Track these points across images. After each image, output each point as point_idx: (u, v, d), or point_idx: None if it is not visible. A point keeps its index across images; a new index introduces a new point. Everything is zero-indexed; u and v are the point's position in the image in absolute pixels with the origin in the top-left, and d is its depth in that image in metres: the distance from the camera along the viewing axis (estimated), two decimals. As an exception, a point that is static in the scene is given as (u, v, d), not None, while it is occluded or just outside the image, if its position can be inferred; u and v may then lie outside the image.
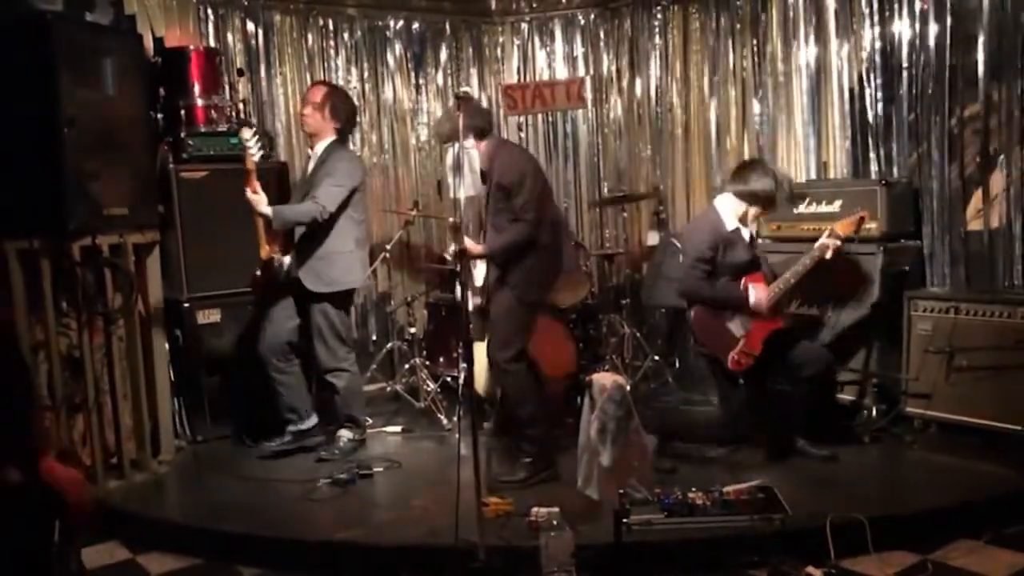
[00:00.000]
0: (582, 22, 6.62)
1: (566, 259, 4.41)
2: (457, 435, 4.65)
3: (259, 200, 4.23)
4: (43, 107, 3.88)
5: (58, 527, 1.81)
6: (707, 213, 4.34)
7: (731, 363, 4.10)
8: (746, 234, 4.27)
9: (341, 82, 6.17)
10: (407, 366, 5.56)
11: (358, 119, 6.14)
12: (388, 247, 5.61)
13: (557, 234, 4.20)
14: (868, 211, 4.34)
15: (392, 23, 6.39)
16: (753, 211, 4.25)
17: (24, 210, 3.94)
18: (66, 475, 1.85)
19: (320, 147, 4.52)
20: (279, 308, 4.53)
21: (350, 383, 4.61)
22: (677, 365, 5.81)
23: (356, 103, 5.99)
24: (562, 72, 6.65)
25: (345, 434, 4.61)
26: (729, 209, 4.23)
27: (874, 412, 4.53)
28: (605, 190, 6.55)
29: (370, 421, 5.17)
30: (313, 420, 4.65)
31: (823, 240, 4.13)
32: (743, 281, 4.14)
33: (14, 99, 3.89)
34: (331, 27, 6.15)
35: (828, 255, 4.11)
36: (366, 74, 6.30)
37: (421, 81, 6.52)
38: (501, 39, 6.73)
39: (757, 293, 4.11)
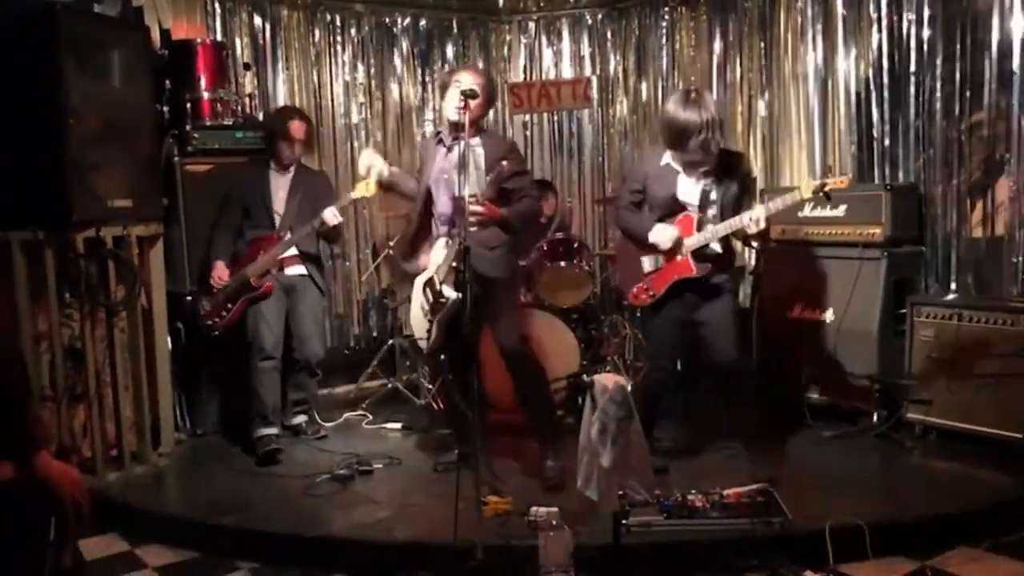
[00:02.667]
0: (589, 22, 6.62)
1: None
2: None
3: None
4: (49, 98, 3.88)
5: (53, 524, 1.80)
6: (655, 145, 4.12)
7: (631, 295, 4.01)
8: (685, 170, 3.81)
9: (347, 78, 6.18)
10: (408, 363, 5.55)
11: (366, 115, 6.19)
12: (391, 244, 5.62)
13: None
14: (845, 180, 3.90)
15: (399, 20, 6.40)
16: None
17: (28, 201, 3.94)
18: (62, 472, 1.84)
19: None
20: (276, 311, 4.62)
21: None
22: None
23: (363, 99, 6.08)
24: (568, 71, 6.65)
25: (305, 417, 4.95)
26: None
27: (875, 417, 4.53)
28: (609, 190, 6.55)
29: (370, 417, 5.23)
30: None
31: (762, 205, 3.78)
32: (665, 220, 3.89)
33: (20, 89, 3.89)
34: (338, 23, 6.16)
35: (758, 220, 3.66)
36: (372, 71, 6.30)
37: (427, 78, 6.52)
38: (508, 37, 6.73)
39: (662, 233, 3.82)
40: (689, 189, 3.85)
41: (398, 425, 5.09)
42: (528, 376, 4.04)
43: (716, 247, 3.85)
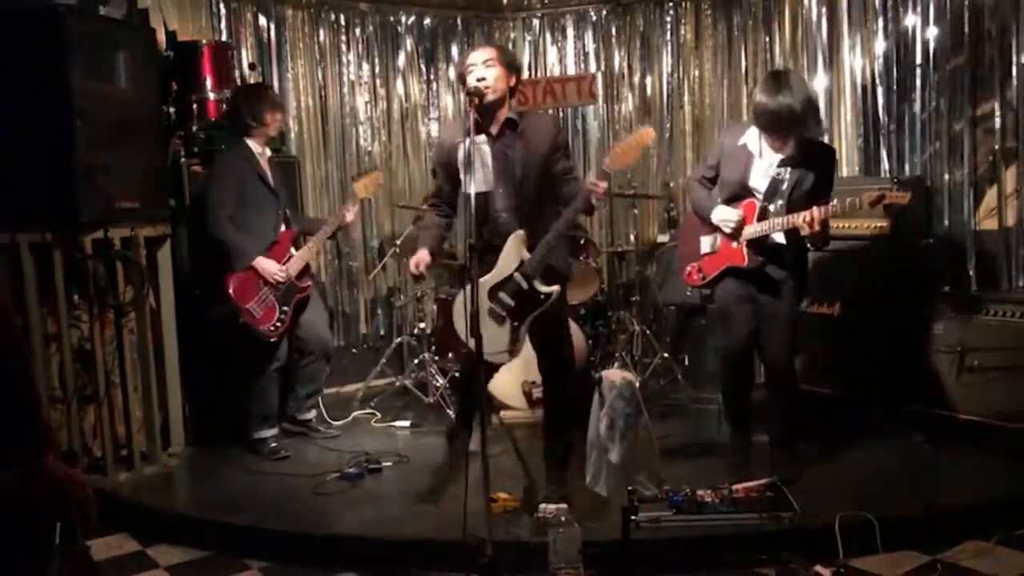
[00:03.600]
0: (594, 18, 6.61)
1: None
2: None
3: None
4: (56, 100, 3.89)
5: (59, 528, 1.80)
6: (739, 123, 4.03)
7: (685, 275, 3.99)
8: (763, 155, 3.73)
9: (352, 77, 6.19)
10: (416, 361, 5.56)
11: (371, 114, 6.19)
12: (398, 242, 5.62)
13: None
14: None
15: (404, 18, 6.40)
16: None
17: (36, 203, 3.95)
18: (68, 475, 1.83)
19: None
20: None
21: None
22: (686, 362, 5.81)
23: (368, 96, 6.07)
24: (573, 68, 6.64)
25: (316, 411, 4.91)
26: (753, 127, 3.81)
27: (884, 411, 4.51)
28: (615, 187, 6.54)
29: (378, 415, 5.23)
30: None
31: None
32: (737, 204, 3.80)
33: (27, 92, 3.90)
34: (343, 22, 6.17)
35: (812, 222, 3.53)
36: (377, 69, 6.31)
37: (432, 76, 6.53)
38: (512, 35, 6.72)
39: (726, 212, 3.75)
40: (760, 175, 3.74)
41: (407, 423, 5.09)
42: (562, 388, 3.76)
43: (780, 239, 3.72)
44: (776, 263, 3.75)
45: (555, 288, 3.44)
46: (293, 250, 4.54)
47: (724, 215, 3.77)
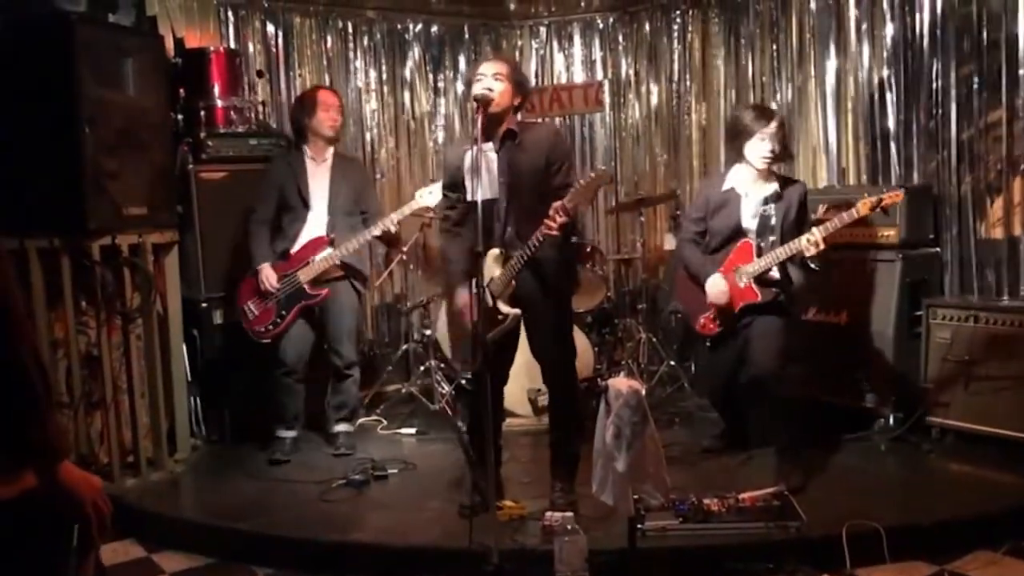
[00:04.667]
0: (600, 26, 6.62)
1: None
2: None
3: None
4: (64, 106, 3.91)
5: (76, 532, 1.81)
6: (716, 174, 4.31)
7: (698, 326, 4.10)
8: (749, 195, 3.96)
9: (360, 84, 6.21)
10: (422, 368, 5.56)
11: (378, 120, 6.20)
12: (404, 249, 5.63)
13: None
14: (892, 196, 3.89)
15: (411, 26, 6.42)
16: (752, 159, 3.91)
17: (44, 209, 3.96)
18: (84, 480, 1.84)
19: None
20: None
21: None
22: (693, 370, 5.79)
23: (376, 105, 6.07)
24: (580, 76, 6.65)
25: (348, 427, 4.75)
26: (733, 170, 4.05)
27: (892, 420, 4.50)
28: (622, 194, 6.54)
29: (384, 422, 5.22)
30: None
31: (814, 231, 3.77)
32: (718, 268, 3.97)
33: (36, 98, 3.92)
34: (350, 29, 6.19)
35: (816, 243, 3.74)
36: (384, 76, 6.33)
37: (439, 84, 6.54)
38: (519, 42, 6.73)
39: (716, 286, 3.96)
40: (749, 214, 3.96)
41: (413, 430, 5.09)
42: (567, 395, 3.75)
43: (775, 271, 3.92)
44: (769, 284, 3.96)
45: (515, 311, 3.49)
46: (320, 254, 4.44)
47: (715, 290, 3.97)
